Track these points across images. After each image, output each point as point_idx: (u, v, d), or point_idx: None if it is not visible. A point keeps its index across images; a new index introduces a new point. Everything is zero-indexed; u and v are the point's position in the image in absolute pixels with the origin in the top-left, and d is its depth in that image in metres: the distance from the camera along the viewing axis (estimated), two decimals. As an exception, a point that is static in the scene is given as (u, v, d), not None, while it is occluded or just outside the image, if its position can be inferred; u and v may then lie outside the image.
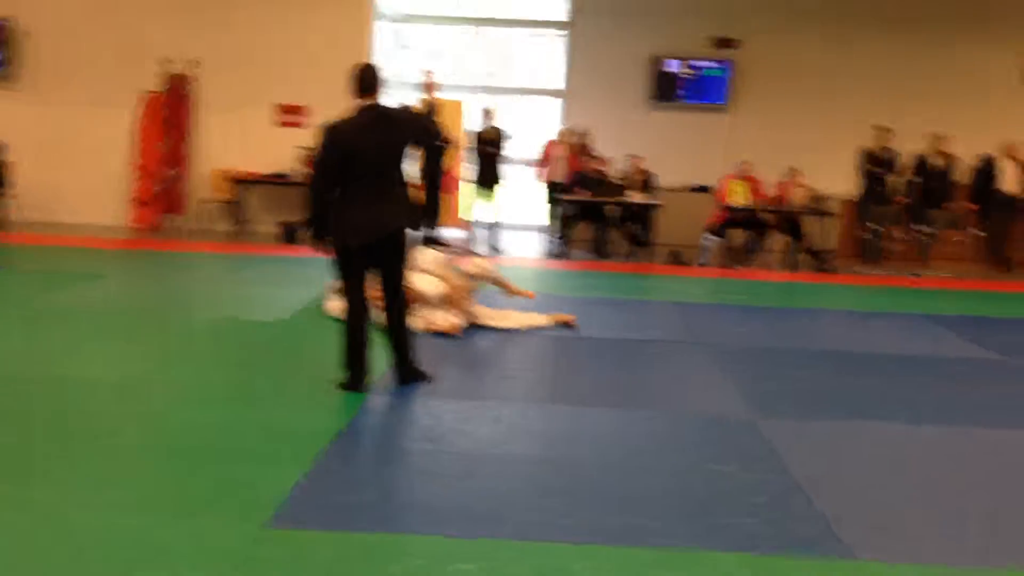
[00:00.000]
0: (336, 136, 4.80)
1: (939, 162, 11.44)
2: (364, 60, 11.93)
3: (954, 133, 11.66)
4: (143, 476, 3.78)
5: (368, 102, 4.87)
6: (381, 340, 5.16)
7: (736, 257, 10.95)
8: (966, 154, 11.75)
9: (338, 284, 5.06)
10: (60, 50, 11.92)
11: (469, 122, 12.42)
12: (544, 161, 12.35)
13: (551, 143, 12.40)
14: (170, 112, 11.90)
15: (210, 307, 7.39)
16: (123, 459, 3.93)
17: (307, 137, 11.90)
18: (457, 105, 12.42)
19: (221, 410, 4.63)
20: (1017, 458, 4.45)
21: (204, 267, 9.63)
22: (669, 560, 3.15)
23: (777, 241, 11.12)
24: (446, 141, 10.29)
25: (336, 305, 6.91)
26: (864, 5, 12.83)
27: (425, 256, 6.86)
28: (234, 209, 11.90)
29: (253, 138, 11.99)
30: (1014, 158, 11.53)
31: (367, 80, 4.87)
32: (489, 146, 11.13)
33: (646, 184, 11.48)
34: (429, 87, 11.10)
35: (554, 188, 11.86)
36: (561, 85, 13.49)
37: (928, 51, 12.78)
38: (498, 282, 7.16)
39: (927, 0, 12.77)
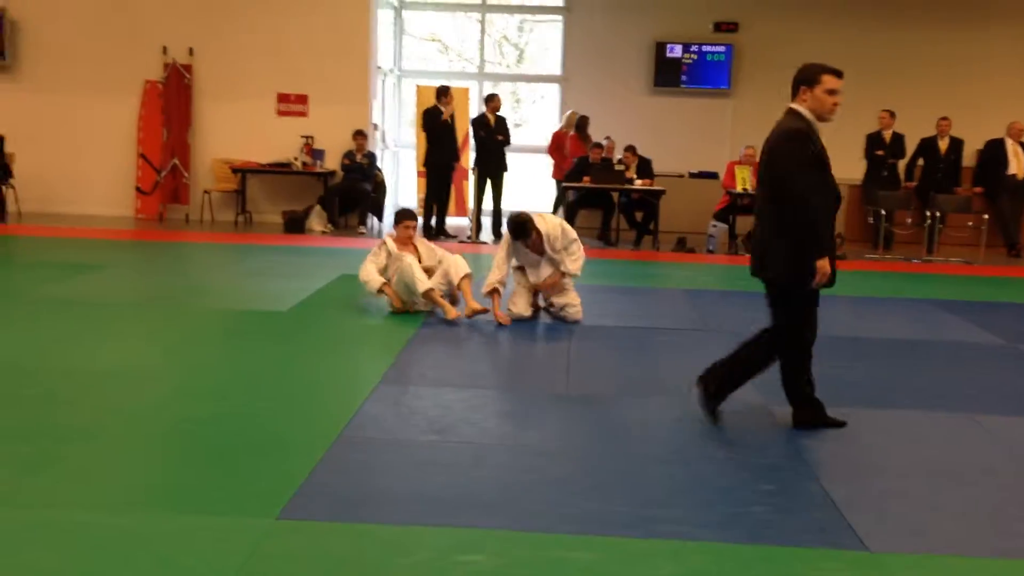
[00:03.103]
0: (814, 145, 4.25)
1: (945, 146, 11.35)
2: (365, 47, 11.97)
3: (960, 116, 11.56)
4: (151, 469, 3.73)
5: (789, 106, 4.37)
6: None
7: (743, 244, 10.87)
8: (972, 138, 11.66)
9: None
10: (59, 38, 11.82)
11: (472, 110, 12.35)
12: (553, 151, 12.21)
13: (557, 134, 12.27)
14: (170, 101, 11.83)
15: (213, 298, 7.32)
16: (129, 452, 3.88)
17: (308, 127, 11.84)
18: (464, 92, 12.33)
19: (226, 402, 4.58)
20: (1033, 444, 4.40)
21: (207, 257, 9.57)
22: (680, 550, 3.10)
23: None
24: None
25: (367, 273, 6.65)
26: (868, -12, 12.72)
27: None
28: (237, 199, 11.84)
29: (255, 127, 11.91)
30: (1018, 140, 11.44)
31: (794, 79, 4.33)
32: (492, 134, 11.04)
33: (643, 171, 11.40)
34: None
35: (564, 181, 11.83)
36: (559, 71, 13.42)
37: (932, 34, 12.67)
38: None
39: (932, -18, 12.66)
